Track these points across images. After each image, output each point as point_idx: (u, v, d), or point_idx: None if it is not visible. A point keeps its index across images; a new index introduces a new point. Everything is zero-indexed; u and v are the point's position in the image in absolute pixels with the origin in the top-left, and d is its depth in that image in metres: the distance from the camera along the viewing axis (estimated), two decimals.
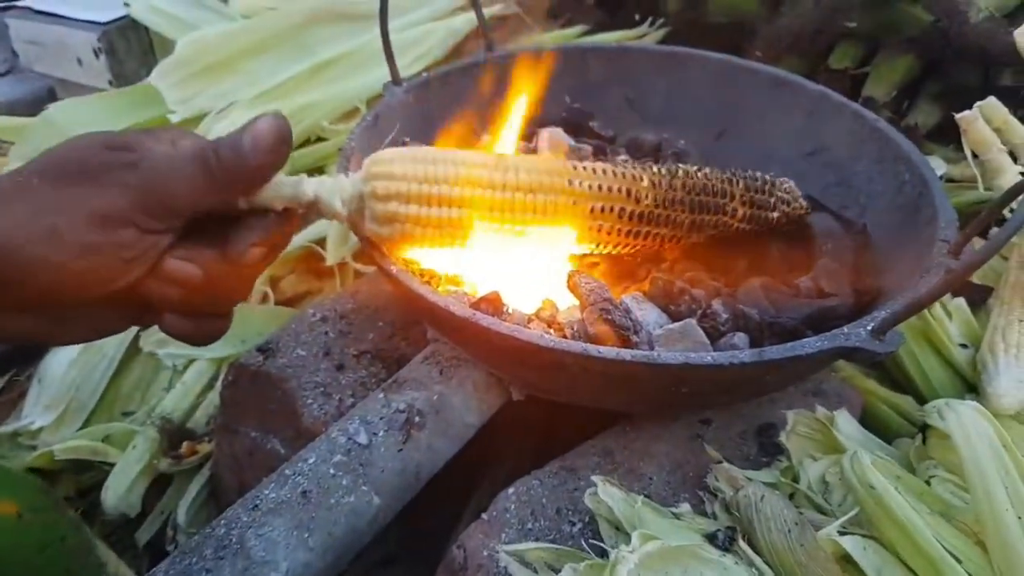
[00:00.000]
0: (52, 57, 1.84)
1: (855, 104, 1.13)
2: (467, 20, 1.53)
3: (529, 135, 1.13)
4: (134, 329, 1.28)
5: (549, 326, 0.81)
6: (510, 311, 0.81)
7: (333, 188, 0.78)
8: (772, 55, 1.39)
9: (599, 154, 1.12)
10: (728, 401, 0.87)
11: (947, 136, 1.36)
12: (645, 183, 0.86)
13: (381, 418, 0.86)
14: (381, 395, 0.89)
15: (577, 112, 1.18)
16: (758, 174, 0.94)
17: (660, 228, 0.88)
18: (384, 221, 0.80)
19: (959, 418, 0.76)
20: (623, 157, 1.10)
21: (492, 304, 0.78)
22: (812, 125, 1.12)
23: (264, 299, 1.29)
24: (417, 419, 0.87)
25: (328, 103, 1.42)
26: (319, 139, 1.44)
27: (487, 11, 1.56)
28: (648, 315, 0.80)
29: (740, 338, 0.77)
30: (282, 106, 1.41)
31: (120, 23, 1.73)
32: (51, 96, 2.03)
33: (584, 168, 0.84)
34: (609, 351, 0.70)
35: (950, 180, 1.31)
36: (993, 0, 1.25)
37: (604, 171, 0.85)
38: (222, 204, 0.65)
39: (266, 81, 1.44)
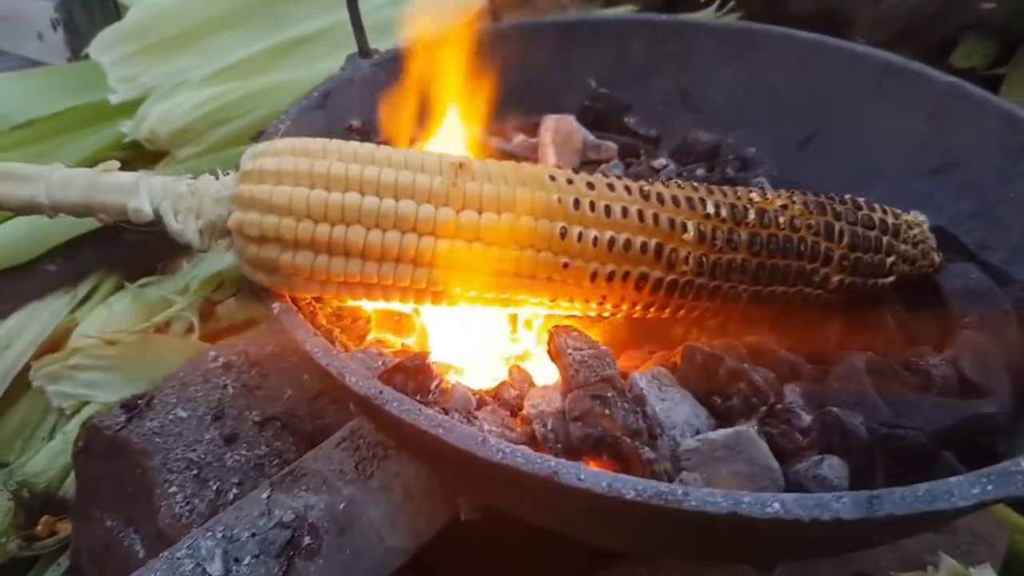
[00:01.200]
0: (12, 33, 1.63)
1: (1005, 102, 0.81)
2: None
3: (531, 127, 0.84)
4: (19, 356, 1.03)
5: (513, 415, 0.52)
6: (450, 384, 0.52)
7: (184, 205, 0.51)
8: (878, 43, 1.08)
9: (628, 156, 0.82)
10: (803, 558, 0.56)
11: None
12: (690, 235, 0.55)
13: (254, 534, 0.58)
14: (265, 494, 0.61)
15: (605, 100, 0.88)
16: (876, 215, 0.62)
17: (701, 302, 0.57)
18: (261, 268, 0.52)
19: None
20: (662, 161, 0.80)
21: (414, 375, 0.48)
22: (939, 131, 0.86)
23: (189, 330, 1.02)
24: (308, 540, 0.58)
25: (296, 86, 1.15)
26: None
27: None
28: (676, 410, 0.50)
29: (832, 466, 0.46)
30: (239, 87, 1.16)
31: None
32: None
33: (591, 204, 0.54)
34: (598, 478, 0.41)
35: None
36: None
37: (624, 210, 0.54)
38: None
39: (226, 58, 1.19)
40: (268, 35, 1.23)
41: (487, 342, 0.66)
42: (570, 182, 0.55)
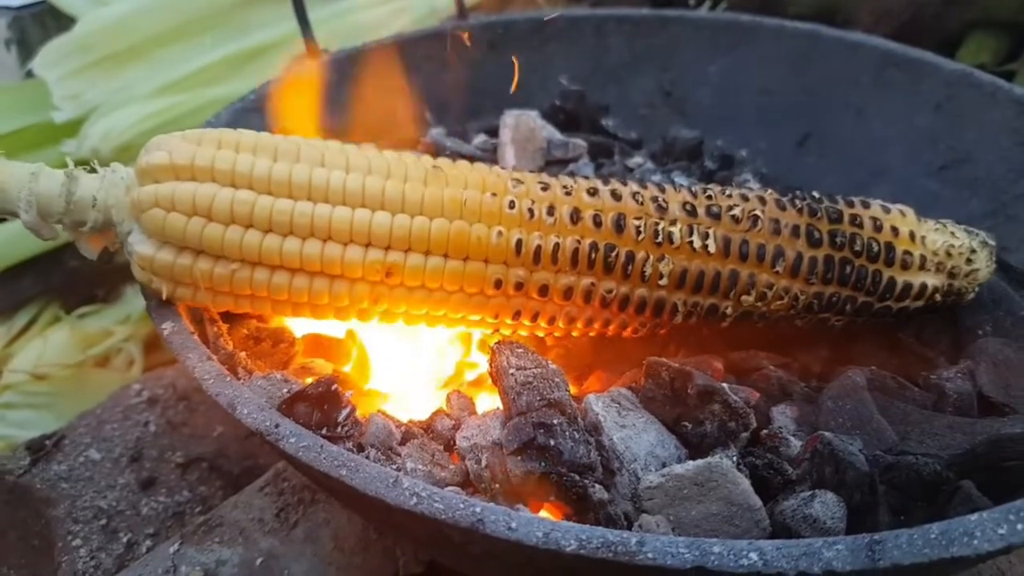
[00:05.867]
0: None
1: (1020, 89, 0.75)
2: None
3: (494, 127, 0.78)
4: None
5: (447, 449, 0.44)
6: (368, 417, 0.44)
7: (50, 191, 0.45)
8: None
9: (601, 155, 0.75)
10: None
11: None
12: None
13: None
14: (174, 547, 0.54)
15: (577, 98, 0.82)
16: (878, 237, 0.53)
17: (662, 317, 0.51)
18: (163, 277, 0.46)
19: None
20: (638, 160, 0.73)
21: (318, 404, 0.41)
22: (946, 124, 0.80)
23: (131, 364, 0.95)
24: None
25: None
26: None
27: None
28: (638, 439, 0.42)
29: (825, 504, 0.38)
30: (188, 100, 1.10)
31: (36, 8, 1.46)
32: None
33: (536, 209, 0.48)
34: (532, 526, 0.34)
35: None
36: None
37: (563, 220, 0.48)
38: None
39: (177, 70, 1.13)
40: (224, 46, 1.18)
41: (436, 367, 0.60)
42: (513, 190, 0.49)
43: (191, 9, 1.23)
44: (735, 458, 0.41)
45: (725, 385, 0.44)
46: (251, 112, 0.76)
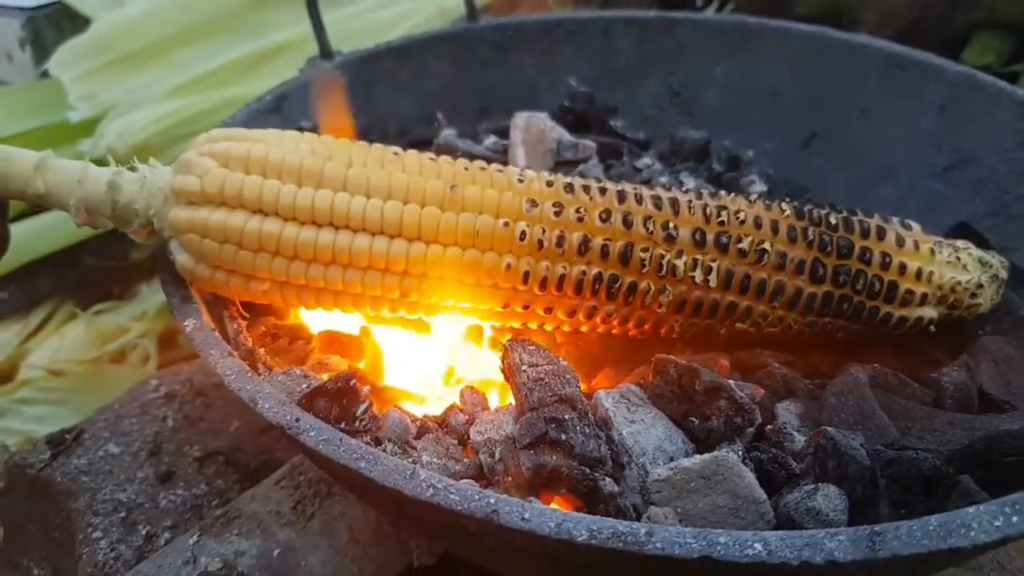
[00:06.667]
0: None
1: (1022, 91, 0.76)
2: None
3: (505, 128, 0.79)
4: None
5: (461, 443, 0.46)
6: (385, 412, 0.46)
7: (97, 196, 0.46)
8: (884, 39, 1.02)
9: (610, 156, 0.76)
10: None
11: None
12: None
13: None
14: (193, 539, 0.55)
15: (586, 99, 0.83)
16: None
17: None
18: (201, 286, 0.51)
19: None
20: (646, 160, 0.74)
21: (337, 399, 0.43)
22: (950, 125, 0.81)
23: (147, 359, 0.97)
24: None
25: None
26: None
27: None
28: (647, 433, 0.44)
29: (827, 497, 0.39)
30: (203, 100, 1.11)
31: (49, 8, 1.47)
32: None
33: (546, 239, 0.49)
34: (545, 517, 0.35)
35: None
36: None
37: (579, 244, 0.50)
38: None
39: (192, 71, 1.15)
40: (239, 46, 1.19)
41: (447, 363, 0.61)
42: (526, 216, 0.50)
43: (205, 10, 1.24)
44: (741, 452, 0.43)
45: (731, 382, 0.45)
46: (267, 113, 0.77)
